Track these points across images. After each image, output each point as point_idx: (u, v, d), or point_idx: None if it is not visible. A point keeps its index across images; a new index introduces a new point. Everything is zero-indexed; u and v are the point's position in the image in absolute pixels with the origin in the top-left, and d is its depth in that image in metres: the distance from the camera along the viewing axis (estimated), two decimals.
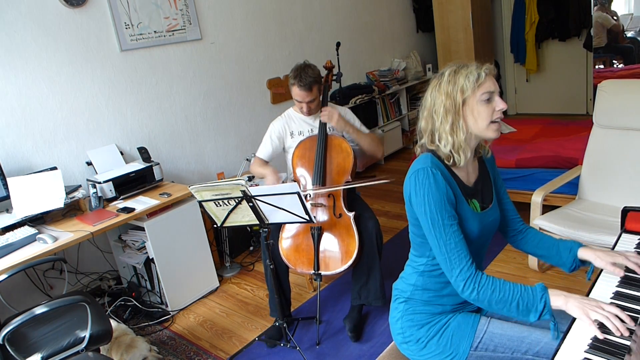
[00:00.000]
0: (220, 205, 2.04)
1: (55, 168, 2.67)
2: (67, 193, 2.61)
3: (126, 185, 2.85)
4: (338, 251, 2.36)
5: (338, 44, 4.41)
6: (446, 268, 1.32)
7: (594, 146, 2.70)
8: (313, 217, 2.06)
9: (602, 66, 4.66)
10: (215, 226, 2.23)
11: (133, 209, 2.63)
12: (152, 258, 2.73)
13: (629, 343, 1.05)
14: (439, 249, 1.31)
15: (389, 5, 5.53)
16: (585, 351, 1.06)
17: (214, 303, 2.95)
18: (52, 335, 1.93)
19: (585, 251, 1.40)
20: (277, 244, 2.44)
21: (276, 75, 4.24)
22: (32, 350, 1.84)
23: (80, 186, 2.79)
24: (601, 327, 1.11)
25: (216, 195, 2.00)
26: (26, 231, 2.39)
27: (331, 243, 2.38)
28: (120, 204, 2.73)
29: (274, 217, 2.09)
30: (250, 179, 3.42)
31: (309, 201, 2.46)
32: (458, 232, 1.31)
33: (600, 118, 2.68)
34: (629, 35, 4.52)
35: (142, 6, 3.21)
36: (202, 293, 3.02)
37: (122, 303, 2.89)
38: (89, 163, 2.98)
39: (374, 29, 5.35)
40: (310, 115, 2.59)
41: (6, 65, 2.68)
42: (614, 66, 4.63)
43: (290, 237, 2.45)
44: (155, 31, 3.31)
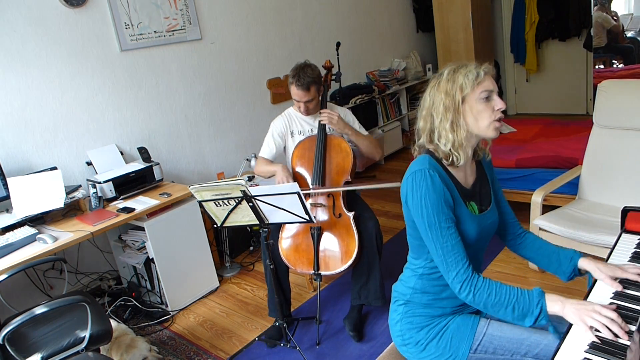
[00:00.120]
0: (220, 205, 2.05)
1: (55, 168, 2.67)
2: (67, 193, 2.61)
3: (126, 185, 2.85)
4: (338, 251, 2.36)
5: (338, 44, 4.42)
6: (443, 270, 1.31)
7: (594, 146, 2.70)
8: (313, 217, 2.06)
9: (602, 66, 4.66)
10: (215, 226, 2.23)
11: (133, 209, 2.63)
12: (152, 258, 2.73)
13: (629, 343, 1.05)
14: (436, 251, 1.31)
15: (389, 5, 5.53)
16: (585, 351, 1.06)
17: (214, 303, 2.95)
18: (52, 335, 1.93)
19: (585, 262, 1.39)
20: (277, 244, 2.44)
21: (276, 75, 4.24)
22: (32, 350, 1.84)
23: (80, 186, 2.80)
24: (598, 333, 1.11)
25: (216, 195, 2.00)
26: (26, 231, 2.39)
27: (331, 243, 2.38)
28: (120, 204, 2.73)
29: (274, 217, 2.09)
30: (250, 179, 3.42)
31: (309, 200, 2.47)
32: (455, 235, 1.31)
33: (600, 118, 2.68)
34: (629, 35, 4.52)
35: (142, 6, 3.22)
36: (202, 293, 3.02)
37: (122, 303, 2.89)
38: (89, 163, 2.99)
39: (374, 29, 5.35)
40: (308, 115, 2.59)
41: (6, 65, 2.68)
42: (614, 66, 4.63)
43: (290, 237, 2.45)
44: (155, 31, 3.31)
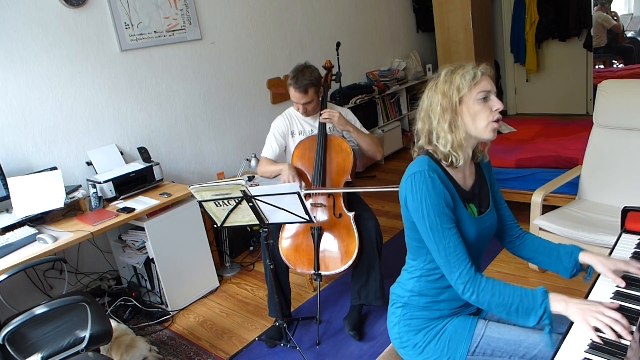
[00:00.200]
0: (220, 205, 2.05)
1: (55, 168, 2.67)
2: (67, 193, 2.61)
3: (126, 185, 2.85)
4: (338, 251, 2.36)
5: (338, 44, 4.42)
6: (446, 271, 1.31)
7: (594, 146, 2.70)
8: (313, 217, 2.06)
9: (602, 66, 4.66)
10: (215, 226, 2.23)
11: (133, 209, 2.63)
12: (152, 258, 2.73)
13: (628, 343, 1.05)
14: (438, 253, 1.30)
15: (389, 5, 5.53)
16: (585, 351, 1.06)
17: (214, 303, 2.95)
18: (52, 335, 1.93)
19: (586, 256, 1.38)
20: (277, 244, 2.44)
21: (276, 75, 4.24)
22: (32, 350, 1.84)
23: (80, 186, 2.79)
24: (600, 333, 1.10)
25: (216, 195, 2.00)
26: (26, 231, 2.39)
27: (331, 243, 2.38)
28: (120, 204, 2.73)
29: (274, 217, 2.09)
30: (250, 179, 3.42)
31: (309, 200, 2.47)
32: (457, 235, 1.30)
33: (600, 118, 2.68)
34: (629, 35, 4.52)
35: (142, 6, 3.21)
36: (202, 293, 3.02)
37: (122, 303, 2.89)
38: (89, 163, 2.99)
39: (374, 29, 5.35)
40: (307, 116, 2.59)
41: (6, 65, 2.68)
42: (614, 66, 4.63)
43: (290, 237, 2.45)
44: (155, 31, 3.31)
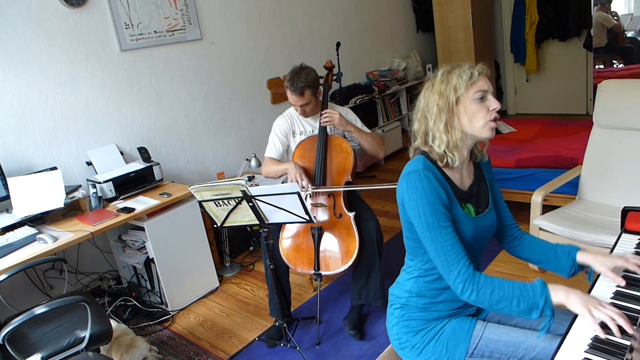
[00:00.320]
0: (220, 205, 2.05)
1: (55, 168, 2.67)
2: (67, 193, 2.61)
3: (126, 185, 2.85)
4: (338, 251, 2.36)
5: (338, 44, 4.42)
6: (444, 270, 1.29)
7: (594, 146, 2.70)
8: (313, 217, 2.06)
9: (602, 66, 4.66)
10: (215, 226, 2.22)
11: (133, 209, 2.63)
12: (152, 258, 2.73)
13: (629, 342, 1.05)
14: (436, 252, 1.29)
15: (389, 5, 5.53)
16: (585, 351, 1.06)
17: (214, 303, 2.95)
18: (52, 335, 1.93)
19: (584, 255, 1.37)
20: (278, 244, 2.44)
21: (276, 75, 4.24)
22: (32, 350, 1.84)
23: (80, 186, 2.79)
24: (603, 327, 1.10)
25: (216, 195, 2.00)
26: (26, 231, 2.39)
27: (331, 243, 2.38)
28: (120, 204, 2.73)
29: (274, 217, 2.09)
30: (250, 179, 3.42)
31: (309, 200, 2.46)
32: (454, 234, 1.29)
33: (600, 118, 2.68)
34: (629, 35, 4.52)
35: (142, 6, 3.21)
36: (202, 293, 3.02)
37: (122, 303, 2.89)
38: (89, 163, 2.99)
39: (374, 29, 5.35)
40: (307, 117, 2.59)
41: (6, 65, 2.68)
42: (614, 66, 4.63)
43: (290, 237, 2.45)
44: (155, 31, 3.31)
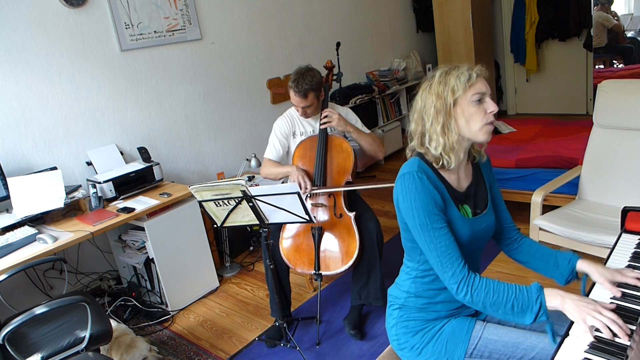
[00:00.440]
0: (220, 205, 2.05)
1: (55, 168, 2.67)
2: (67, 193, 2.61)
3: (126, 185, 2.85)
4: (339, 251, 2.36)
5: (338, 44, 4.42)
6: (439, 271, 1.30)
7: (594, 146, 2.70)
8: (313, 217, 2.06)
9: (602, 66, 4.66)
10: (215, 226, 2.22)
11: (133, 209, 2.63)
12: (152, 258, 2.73)
13: (628, 343, 1.05)
14: (430, 253, 1.29)
15: (389, 5, 5.53)
16: (585, 351, 1.06)
17: (214, 303, 2.95)
18: (52, 335, 1.93)
19: (584, 264, 1.37)
20: (278, 244, 2.44)
21: (276, 75, 4.24)
22: (32, 350, 1.84)
23: (80, 186, 2.79)
24: (598, 332, 1.10)
25: (216, 195, 2.00)
26: (26, 231, 2.39)
27: (332, 243, 2.38)
28: (120, 204, 2.73)
29: (274, 217, 2.09)
30: (250, 179, 3.42)
31: (309, 200, 2.47)
32: (448, 235, 1.29)
33: (600, 118, 2.68)
34: (629, 35, 4.52)
35: (142, 6, 3.21)
36: (202, 293, 3.02)
37: (122, 303, 2.89)
38: (89, 163, 2.98)
39: (374, 29, 5.35)
40: (307, 117, 2.59)
41: (6, 65, 2.68)
42: (614, 66, 4.63)
43: (290, 237, 2.45)
44: (155, 31, 3.31)
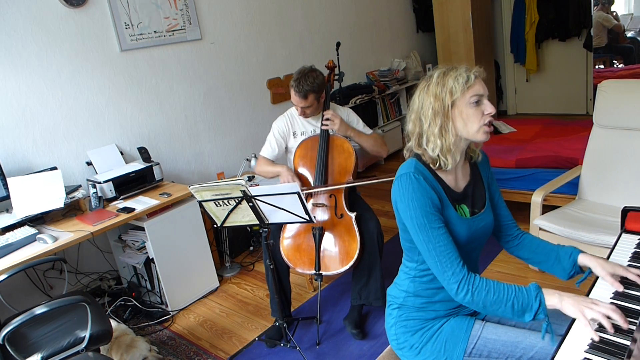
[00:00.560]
0: (220, 205, 2.05)
1: (55, 168, 2.67)
2: (67, 193, 2.61)
3: (126, 185, 2.85)
4: (339, 252, 2.36)
5: (338, 44, 4.41)
6: (438, 272, 1.29)
7: (594, 146, 2.70)
8: (313, 217, 2.06)
9: (602, 66, 4.66)
10: (215, 226, 2.22)
11: (133, 209, 2.63)
12: (152, 258, 2.73)
13: (629, 343, 1.05)
14: (429, 253, 1.30)
15: (389, 5, 5.53)
16: (585, 351, 1.06)
17: (214, 303, 2.95)
18: (52, 335, 1.93)
19: (586, 257, 1.36)
20: (278, 244, 2.44)
21: (276, 75, 4.24)
22: (32, 350, 1.84)
23: (80, 186, 2.79)
24: (598, 327, 1.11)
25: (216, 195, 2.00)
26: (26, 231, 2.39)
27: (332, 243, 2.38)
28: (120, 204, 2.73)
29: (274, 217, 2.09)
30: (250, 179, 3.42)
31: (310, 200, 2.47)
32: (446, 235, 1.29)
33: (600, 118, 2.68)
34: (629, 35, 4.53)
35: (142, 6, 3.21)
36: (202, 293, 3.02)
37: (122, 303, 2.89)
38: (89, 163, 2.98)
39: (374, 29, 5.35)
40: (306, 117, 2.59)
41: (6, 65, 2.68)
42: (614, 66, 4.63)
43: (291, 237, 2.45)
44: (155, 31, 3.31)
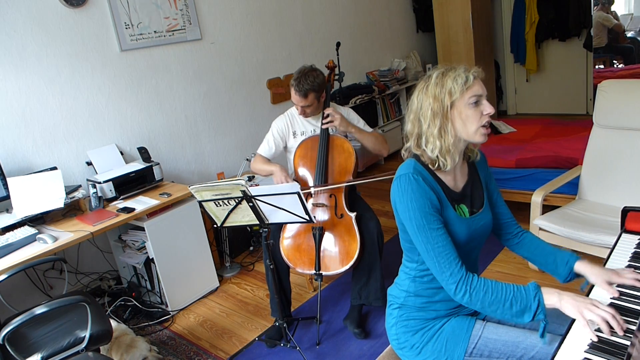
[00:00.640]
0: (220, 205, 2.05)
1: (55, 168, 2.67)
2: (67, 193, 2.60)
3: (126, 185, 2.85)
4: (339, 252, 2.36)
5: (338, 44, 4.41)
6: (436, 272, 1.30)
7: (594, 146, 2.70)
8: (313, 217, 2.06)
9: (602, 66, 4.66)
10: (215, 226, 2.22)
11: (133, 209, 2.63)
12: (152, 258, 2.73)
13: (628, 343, 1.05)
14: (427, 254, 1.30)
15: (389, 5, 5.53)
16: (585, 351, 1.06)
17: (214, 303, 2.95)
18: (52, 335, 1.93)
19: (582, 265, 1.38)
20: (278, 244, 2.44)
21: (276, 75, 4.24)
22: (32, 350, 1.84)
23: (80, 186, 2.79)
24: (597, 330, 1.11)
25: (216, 195, 2.00)
26: (26, 231, 2.39)
27: (332, 243, 2.38)
28: (120, 204, 2.73)
29: (274, 217, 2.09)
30: (250, 179, 3.42)
31: (310, 200, 2.47)
32: (445, 236, 1.30)
33: (600, 118, 2.68)
34: (629, 35, 4.52)
35: (142, 6, 3.21)
36: (202, 293, 3.02)
37: (122, 303, 2.89)
38: (89, 163, 2.98)
39: (374, 29, 5.35)
40: (306, 117, 2.59)
41: (6, 65, 2.68)
42: (614, 66, 4.63)
43: (291, 237, 2.45)
44: (155, 31, 3.31)
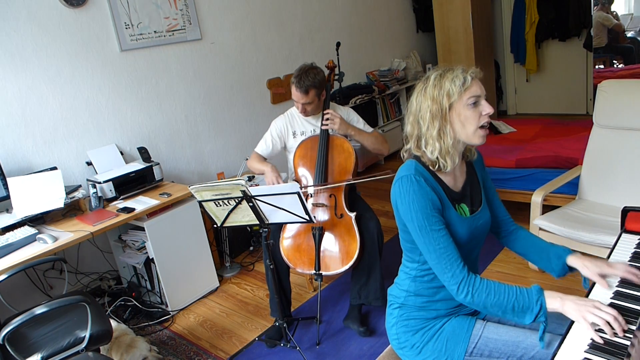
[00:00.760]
0: (220, 205, 2.05)
1: (55, 168, 2.67)
2: (67, 193, 2.61)
3: (126, 185, 2.85)
4: (339, 252, 2.36)
5: (338, 44, 4.41)
6: (439, 272, 1.31)
7: (594, 146, 2.70)
8: (313, 217, 2.06)
9: (602, 66, 4.66)
10: (215, 226, 2.23)
11: (133, 209, 2.63)
12: (152, 258, 2.73)
13: (628, 343, 1.06)
14: (430, 254, 1.30)
15: (389, 5, 5.53)
16: (585, 351, 1.06)
17: (214, 303, 2.95)
18: (52, 335, 1.93)
19: (573, 259, 1.38)
20: (278, 244, 2.44)
21: (276, 75, 4.24)
22: (32, 350, 1.84)
23: (80, 186, 2.79)
24: (599, 330, 1.11)
25: (216, 195, 2.00)
26: (26, 231, 2.39)
27: (332, 243, 2.38)
28: (120, 204, 2.73)
29: (274, 217, 2.09)
30: (250, 179, 3.42)
31: (310, 200, 2.47)
32: (447, 236, 1.30)
33: (600, 118, 2.68)
34: (629, 35, 4.52)
35: (142, 6, 3.21)
36: (202, 293, 3.02)
37: (122, 303, 2.89)
38: (89, 163, 2.99)
39: (374, 29, 5.35)
40: (306, 115, 2.59)
41: (6, 65, 2.68)
42: (614, 66, 4.63)
43: (291, 237, 2.45)
44: (155, 31, 3.31)
